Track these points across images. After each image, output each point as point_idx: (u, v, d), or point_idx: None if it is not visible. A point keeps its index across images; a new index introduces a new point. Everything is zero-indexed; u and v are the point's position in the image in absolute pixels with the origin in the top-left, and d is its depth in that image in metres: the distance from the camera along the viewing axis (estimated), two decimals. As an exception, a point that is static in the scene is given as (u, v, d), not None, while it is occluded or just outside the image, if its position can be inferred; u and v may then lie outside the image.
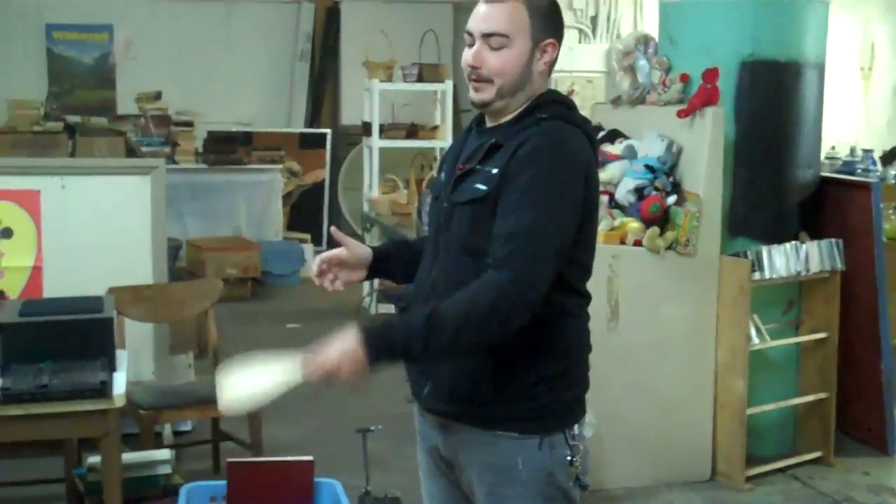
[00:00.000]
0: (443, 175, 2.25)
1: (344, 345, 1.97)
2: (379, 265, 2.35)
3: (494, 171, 2.07)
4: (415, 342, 1.97)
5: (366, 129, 7.43)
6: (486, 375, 2.10)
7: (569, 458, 2.14)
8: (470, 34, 2.13)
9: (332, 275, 2.32)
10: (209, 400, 4.03)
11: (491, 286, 1.99)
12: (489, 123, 2.19)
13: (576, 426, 2.17)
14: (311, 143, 9.58)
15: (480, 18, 2.10)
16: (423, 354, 2.00)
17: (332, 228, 2.36)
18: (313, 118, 10.17)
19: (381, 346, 1.98)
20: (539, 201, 2.01)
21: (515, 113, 2.13)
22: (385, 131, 7.29)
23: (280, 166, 8.71)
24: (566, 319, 2.15)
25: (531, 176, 2.02)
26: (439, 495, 2.34)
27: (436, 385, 2.17)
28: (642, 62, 4.61)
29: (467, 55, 2.12)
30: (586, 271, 2.21)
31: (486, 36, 2.09)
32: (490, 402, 2.11)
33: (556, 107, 2.14)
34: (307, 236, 9.21)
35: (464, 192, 2.13)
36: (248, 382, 2.07)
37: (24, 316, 3.11)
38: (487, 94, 2.11)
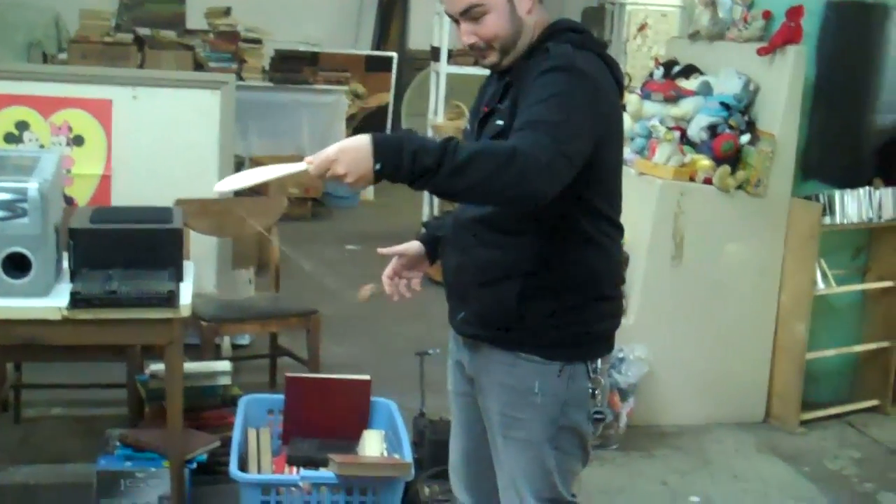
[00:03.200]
0: (467, 126, 2.31)
1: (354, 142, 1.90)
2: (435, 250, 2.38)
3: (509, 104, 2.10)
4: (426, 156, 1.86)
5: (434, 53, 7.35)
6: (513, 300, 2.12)
7: (590, 390, 2.16)
8: (451, 16, 2.16)
9: (404, 281, 2.37)
10: (269, 315, 4.12)
11: (517, 142, 1.92)
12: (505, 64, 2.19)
13: (599, 360, 2.19)
14: (376, 66, 9.52)
15: (449, 1, 2.13)
16: (430, 175, 1.87)
17: (379, 250, 2.38)
18: (380, 41, 10.09)
19: (389, 151, 1.88)
20: (549, 105, 1.97)
21: (525, 52, 2.15)
22: (453, 57, 7.20)
23: (345, 88, 8.67)
24: (594, 248, 2.15)
25: (539, 86, 2.01)
26: (462, 416, 2.39)
27: (469, 312, 2.22)
28: (724, -4, 4.49)
29: (461, 36, 2.16)
30: (614, 197, 2.19)
31: (464, 13, 2.12)
32: (516, 326, 2.15)
33: (565, 34, 2.15)
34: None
35: (487, 132, 2.16)
36: (249, 172, 2.05)
37: (95, 222, 3.14)
38: (493, 57, 2.15)
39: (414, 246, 2.39)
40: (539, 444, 2.17)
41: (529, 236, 2.10)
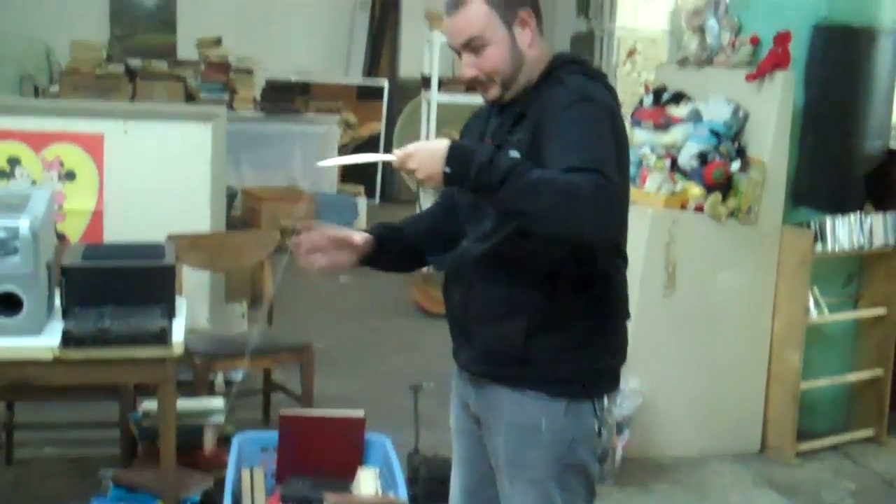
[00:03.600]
0: None
1: (433, 143, 1.98)
2: (372, 255, 2.30)
3: (524, 136, 2.06)
4: (492, 173, 1.90)
5: (425, 82, 7.37)
6: (519, 337, 2.10)
7: (596, 428, 2.15)
8: (453, 48, 2.16)
9: (322, 253, 2.24)
10: (263, 350, 4.10)
11: (582, 179, 1.87)
12: (507, 98, 2.17)
13: (605, 398, 2.18)
14: (368, 95, 9.55)
15: (451, 33, 2.14)
16: (490, 190, 1.91)
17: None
18: (371, 70, 10.12)
19: (460, 159, 1.93)
20: (587, 144, 1.95)
21: (530, 85, 2.14)
22: (444, 85, 7.23)
23: (337, 117, 8.70)
24: (602, 281, 2.14)
25: (568, 122, 1.99)
26: (465, 455, 2.37)
27: (474, 349, 2.20)
28: (712, 22, 4.51)
29: (462, 69, 2.16)
30: (625, 225, 2.14)
31: (465, 45, 2.11)
32: (522, 363, 2.12)
33: (571, 66, 2.16)
34: (360, 188, 9.22)
35: None
36: (351, 157, 2.14)
37: (87, 259, 3.13)
38: (495, 91, 2.14)
39: (361, 237, 2.28)
40: (545, 483, 2.15)
41: (538, 272, 2.07)
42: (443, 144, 1.96)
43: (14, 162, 4.36)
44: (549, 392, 2.12)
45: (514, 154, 2.03)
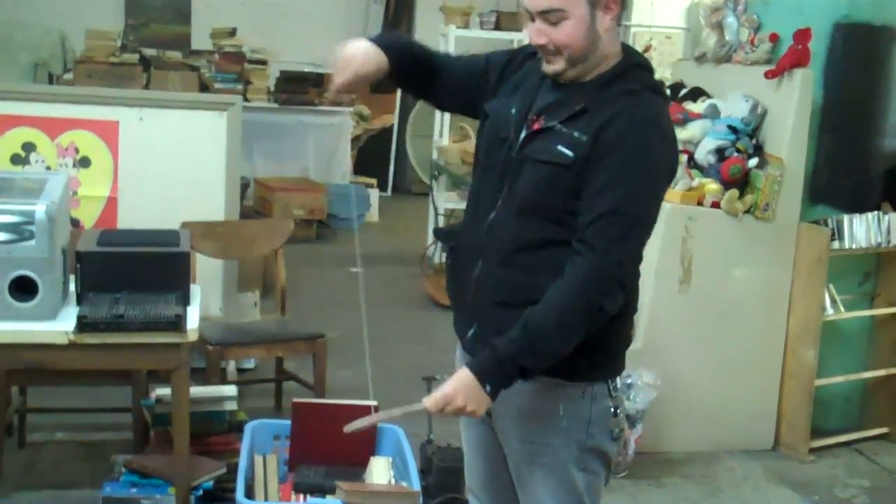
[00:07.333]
0: (513, 111, 2.14)
1: (459, 378, 2.02)
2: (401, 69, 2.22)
3: (584, 138, 2.01)
4: (524, 358, 1.99)
5: (439, 75, 7.34)
6: None
7: (612, 408, 2.15)
8: (527, 11, 2.08)
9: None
10: (275, 338, 4.10)
11: (578, 278, 1.98)
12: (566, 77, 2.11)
13: (618, 378, 2.19)
14: (381, 87, 9.52)
15: None
16: (536, 363, 2.01)
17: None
18: (385, 62, 10.10)
19: (493, 374, 2.00)
20: (634, 179, 1.99)
21: (596, 73, 2.08)
22: (458, 79, 7.19)
23: (350, 109, 8.68)
24: None
25: (628, 151, 1.99)
26: (475, 442, 2.36)
27: (481, 328, 2.16)
28: (731, 19, 4.49)
29: (531, 34, 2.08)
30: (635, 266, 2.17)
31: (542, 13, 2.04)
32: None
33: (642, 73, 2.12)
34: (373, 181, 9.20)
35: (542, 150, 2.06)
36: (378, 415, 2.24)
37: (102, 245, 3.12)
38: (558, 65, 2.07)
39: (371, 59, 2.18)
40: (567, 468, 2.15)
41: (558, 259, 2.04)
42: (469, 376, 2.00)
43: (29, 148, 4.36)
44: (566, 377, 2.11)
45: (567, 152, 2.01)
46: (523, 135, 2.10)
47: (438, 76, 2.28)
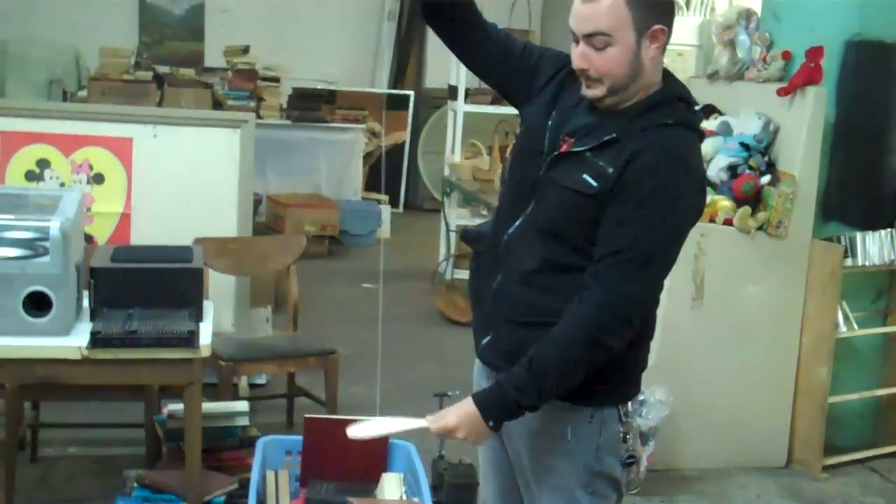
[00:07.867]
0: (549, 123, 2.10)
1: (463, 410, 2.05)
2: None
3: (610, 169, 1.99)
4: (527, 395, 2.00)
5: (451, 92, 7.37)
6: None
7: (622, 434, 2.13)
8: (573, 34, 2.04)
9: None
10: (287, 354, 4.10)
11: (584, 315, 1.98)
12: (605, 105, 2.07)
13: (629, 403, 2.17)
14: (393, 104, 9.56)
15: (579, 19, 2.01)
16: (540, 400, 2.02)
17: None
18: (397, 79, 10.14)
19: (496, 409, 2.03)
20: (654, 215, 1.97)
21: (633, 102, 2.04)
22: (470, 95, 7.23)
23: (363, 126, 8.71)
24: None
25: (651, 187, 1.96)
26: (489, 456, 2.36)
27: (495, 338, 2.16)
28: (743, 37, 4.49)
29: (574, 56, 2.04)
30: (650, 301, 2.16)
31: (588, 36, 2.00)
32: None
33: (679, 108, 2.07)
34: (385, 197, 9.23)
35: (568, 176, 2.04)
36: (379, 421, 2.26)
37: (116, 261, 3.14)
38: (598, 91, 2.03)
39: None
40: (574, 490, 2.14)
41: (575, 285, 2.02)
42: (473, 409, 2.03)
43: (43, 164, 4.39)
44: (572, 400, 2.09)
45: (592, 182, 1.99)
46: (552, 155, 2.08)
47: (488, 39, 2.25)
